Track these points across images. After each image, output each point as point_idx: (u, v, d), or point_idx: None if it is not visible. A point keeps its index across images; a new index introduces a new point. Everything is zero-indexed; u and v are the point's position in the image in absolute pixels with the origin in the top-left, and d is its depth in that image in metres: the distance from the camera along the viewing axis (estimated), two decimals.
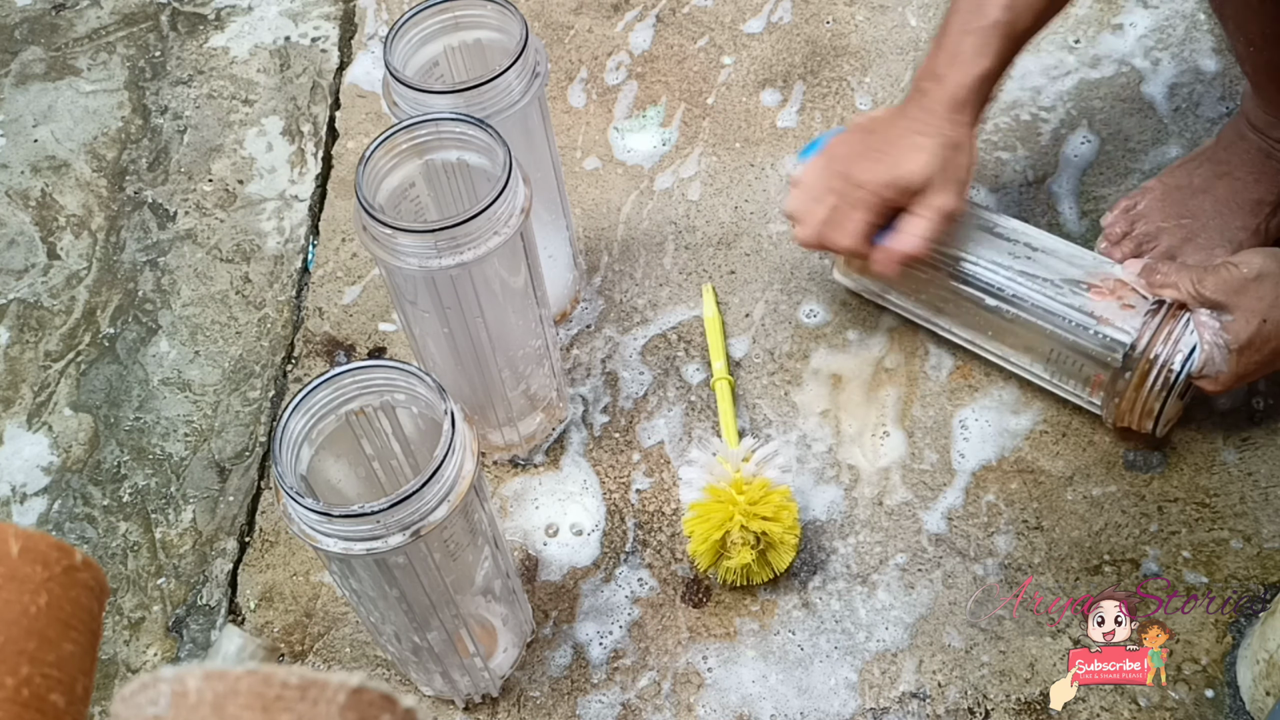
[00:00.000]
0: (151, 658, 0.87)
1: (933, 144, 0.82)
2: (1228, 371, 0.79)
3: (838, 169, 0.85)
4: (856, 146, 0.85)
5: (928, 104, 0.83)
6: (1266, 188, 0.95)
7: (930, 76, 0.83)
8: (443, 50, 0.85)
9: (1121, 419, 0.86)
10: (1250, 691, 0.78)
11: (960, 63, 0.82)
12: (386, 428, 0.72)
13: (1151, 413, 0.83)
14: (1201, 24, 1.14)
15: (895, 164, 0.82)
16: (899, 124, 0.84)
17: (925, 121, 0.82)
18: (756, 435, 0.93)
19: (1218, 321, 0.79)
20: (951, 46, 0.82)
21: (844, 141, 0.87)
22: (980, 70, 0.82)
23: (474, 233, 0.71)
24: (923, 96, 0.83)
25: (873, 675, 0.82)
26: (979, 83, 0.82)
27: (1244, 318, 0.78)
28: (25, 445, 0.98)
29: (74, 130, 1.18)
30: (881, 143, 0.84)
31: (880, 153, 0.83)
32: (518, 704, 0.82)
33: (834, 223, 0.85)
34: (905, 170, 0.82)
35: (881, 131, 0.85)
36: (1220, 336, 0.79)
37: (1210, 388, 0.81)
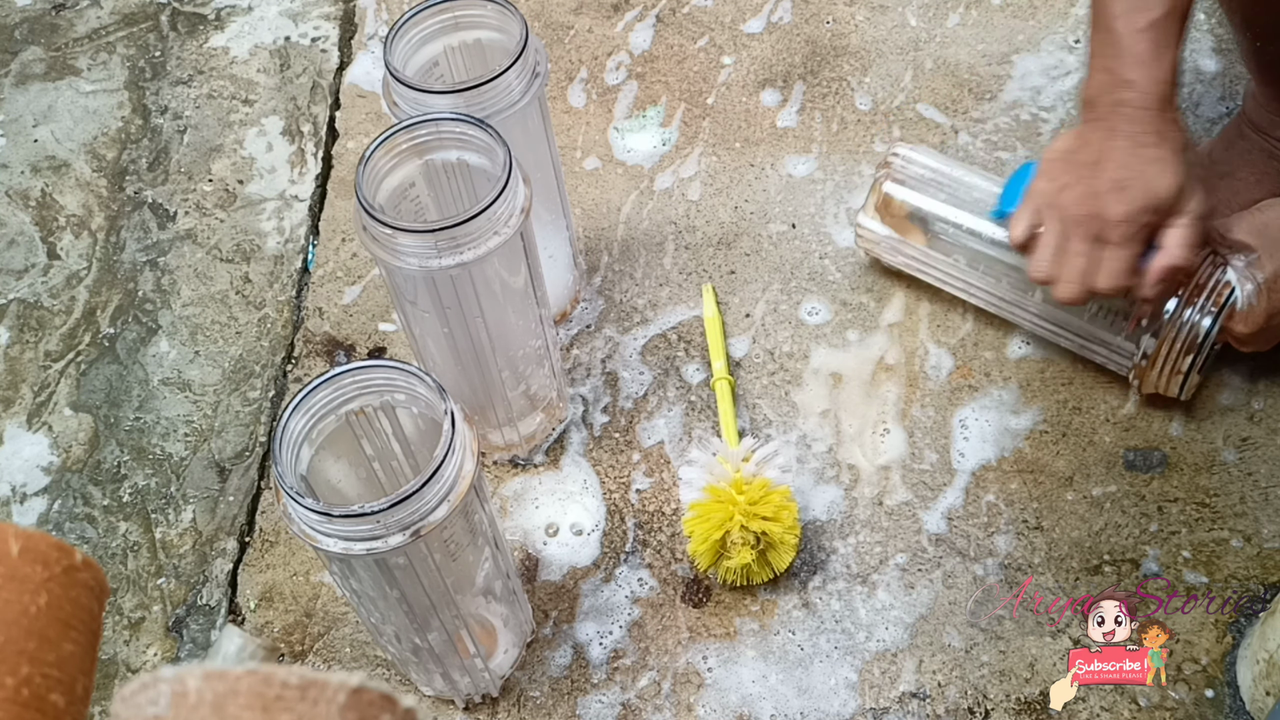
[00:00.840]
0: (151, 658, 0.87)
1: (1172, 154, 0.77)
2: (1258, 307, 0.80)
3: (1077, 212, 0.79)
4: (1083, 180, 0.79)
5: (1137, 114, 0.78)
6: (1268, 188, 0.95)
7: (1122, 86, 0.78)
8: (443, 50, 0.85)
9: (1149, 382, 0.86)
10: (1250, 691, 0.78)
11: (1148, 62, 0.77)
12: (386, 428, 0.72)
13: (1181, 371, 0.84)
14: (1201, 24, 1.14)
15: (1148, 188, 0.77)
16: (1118, 144, 0.78)
17: (1149, 132, 0.77)
18: (756, 435, 0.93)
19: (1245, 260, 0.81)
20: (1130, 49, 0.77)
21: (1060, 180, 0.80)
22: (1170, 63, 0.77)
23: (474, 233, 0.71)
24: (1124, 107, 0.78)
25: (873, 675, 0.82)
26: (1173, 75, 0.78)
27: (1269, 254, 0.80)
28: (25, 445, 0.98)
29: (74, 130, 1.18)
30: (1116, 169, 0.77)
31: (1122, 181, 0.77)
32: (518, 704, 0.82)
33: (1097, 268, 0.79)
34: (1162, 190, 0.77)
35: (1102, 158, 0.78)
36: (1249, 273, 0.81)
37: (1241, 329, 0.82)
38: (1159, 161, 0.77)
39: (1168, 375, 0.85)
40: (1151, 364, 0.85)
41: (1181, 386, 0.85)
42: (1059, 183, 0.80)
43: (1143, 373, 0.86)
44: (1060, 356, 0.94)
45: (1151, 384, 0.87)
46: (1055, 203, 0.80)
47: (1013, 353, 0.95)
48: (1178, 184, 0.77)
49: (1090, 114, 0.80)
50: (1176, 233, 0.78)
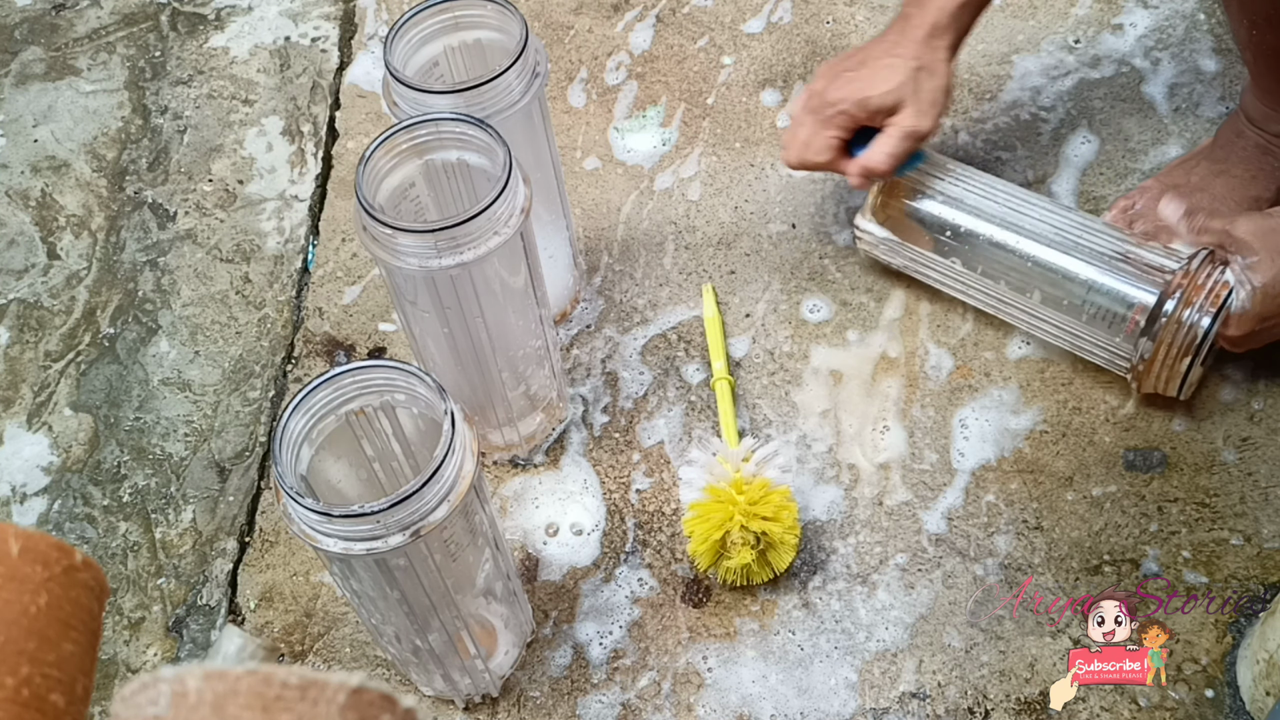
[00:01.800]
0: (151, 658, 0.87)
1: (905, 65, 0.86)
2: (1250, 311, 0.81)
3: (816, 91, 0.89)
4: (835, 70, 0.89)
5: (907, 29, 0.87)
6: (1264, 184, 0.95)
7: (914, 3, 0.87)
8: (443, 50, 0.85)
9: (1148, 382, 0.86)
10: (1250, 691, 0.78)
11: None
12: (386, 428, 0.72)
13: (1180, 371, 0.84)
14: (1201, 24, 1.14)
15: (867, 84, 0.86)
16: (877, 48, 0.88)
17: (901, 45, 0.87)
18: (756, 435, 0.93)
19: (1244, 262, 0.81)
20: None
21: (826, 67, 0.91)
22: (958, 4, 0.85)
23: (474, 233, 0.71)
24: (904, 22, 0.87)
25: (873, 675, 0.82)
26: (959, 9, 0.85)
27: (1269, 258, 0.80)
28: (25, 445, 0.98)
29: (74, 130, 1.18)
30: (857, 65, 0.88)
31: (854, 74, 0.87)
32: (518, 704, 0.82)
33: (809, 141, 0.89)
34: (876, 90, 0.86)
35: (860, 55, 0.89)
36: (1246, 274, 0.81)
37: (1232, 331, 0.82)
38: (889, 68, 0.86)
39: (1166, 375, 0.85)
40: (1150, 364, 0.85)
41: (1180, 386, 0.85)
42: (826, 67, 0.91)
43: (1141, 373, 0.86)
44: (1060, 356, 0.94)
45: (1150, 384, 0.87)
46: (812, 82, 0.91)
47: (1013, 353, 0.95)
48: (897, 92, 0.85)
49: (893, 21, 0.90)
50: (881, 139, 0.87)
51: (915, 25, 0.86)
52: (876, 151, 0.88)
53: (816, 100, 0.89)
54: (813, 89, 0.90)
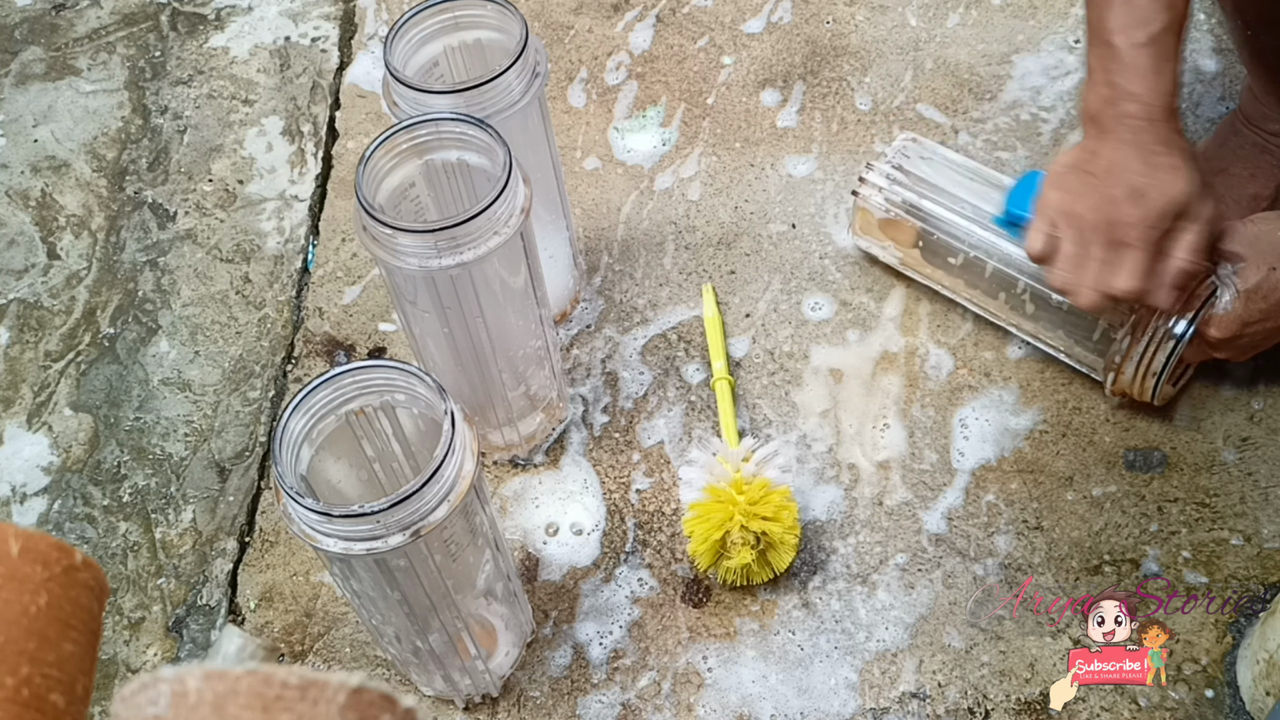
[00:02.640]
0: (151, 658, 0.87)
1: (1183, 162, 0.77)
2: (1232, 314, 0.80)
3: (1094, 219, 0.78)
4: (1097, 189, 0.79)
5: (1142, 126, 0.78)
6: (1262, 183, 0.95)
7: (1125, 99, 0.78)
8: (443, 50, 0.85)
9: (1121, 384, 0.86)
10: (1250, 691, 0.78)
11: (1149, 76, 0.77)
12: (386, 428, 0.72)
13: (1154, 373, 0.84)
14: (1201, 24, 1.14)
15: (1164, 192, 0.77)
16: (1128, 153, 0.78)
17: (1157, 142, 0.78)
18: (756, 435, 0.93)
19: (1231, 268, 0.82)
20: (1131, 63, 0.78)
21: (1074, 190, 0.80)
22: (1172, 76, 0.78)
23: (474, 233, 0.71)
24: (1129, 119, 0.78)
25: (873, 675, 0.82)
26: (1175, 87, 0.78)
27: (1255, 264, 0.80)
28: (25, 445, 0.98)
29: (74, 130, 1.18)
30: (1130, 176, 0.78)
31: (1137, 187, 0.77)
32: (518, 704, 0.82)
33: (1112, 272, 0.78)
34: (1179, 195, 0.77)
35: (1114, 167, 0.78)
36: (1229, 279, 0.81)
37: (1214, 333, 0.82)
38: (1172, 169, 0.77)
39: (1141, 378, 0.85)
40: (1123, 365, 0.85)
41: (1154, 391, 0.85)
42: (1072, 193, 0.79)
43: (1116, 373, 0.86)
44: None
45: (1124, 386, 0.87)
46: (1070, 211, 0.79)
47: (1013, 353, 0.95)
48: (1192, 189, 0.77)
49: (1094, 129, 0.80)
50: (1188, 238, 0.78)
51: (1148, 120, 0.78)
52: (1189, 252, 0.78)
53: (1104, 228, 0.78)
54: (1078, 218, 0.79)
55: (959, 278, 0.93)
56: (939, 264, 0.94)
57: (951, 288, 0.95)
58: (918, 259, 0.95)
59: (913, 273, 0.97)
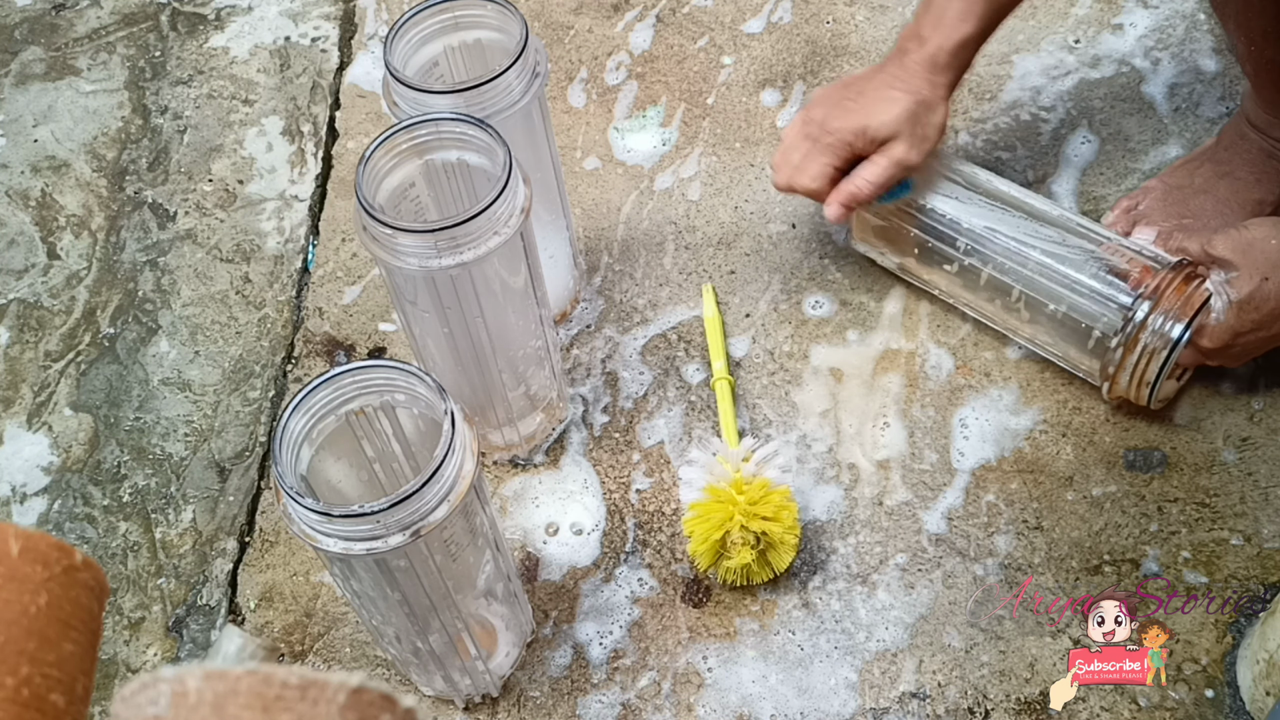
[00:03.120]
0: (151, 658, 0.87)
1: (905, 99, 0.85)
2: (1224, 324, 0.80)
3: (814, 118, 0.89)
4: (834, 98, 0.89)
5: (907, 63, 0.86)
6: (1268, 188, 0.95)
7: (913, 38, 0.86)
8: (443, 50, 0.85)
9: (1118, 388, 0.86)
10: (1250, 691, 0.78)
11: (944, 26, 0.85)
12: (387, 428, 0.72)
13: (1148, 383, 0.84)
14: (1201, 24, 1.14)
15: (866, 114, 0.86)
16: (876, 79, 0.88)
17: (902, 79, 0.86)
18: (756, 435, 0.93)
19: (1223, 276, 0.81)
20: (938, 10, 0.85)
21: (824, 94, 0.91)
22: (962, 35, 0.85)
23: (474, 233, 0.71)
24: (904, 56, 0.87)
25: (873, 675, 0.82)
26: (959, 47, 0.85)
27: (1248, 273, 0.80)
28: (25, 445, 0.98)
29: (74, 130, 1.18)
30: (856, 95, 0.88)
31: (853, 104, 0.87)
32: (518, 704, 0.82)
33: (803, 167, 0.89)
34: (875, 121, 0.86)
35: (859, 85, 0.89)
36: (1222, 288, 0.81)
37: (1206, 343, 0.82)
38: (889, 100, 0.85)
39: (1135, 386, 0.85)
40: (1117, 375, 0.85)
41: (1150, 394, 0.85)
42: (823, 95, 0.91)
43: (1112, 377, 0.86)
44: None
45: (1120, 390, 0.87)
46: (808, 106, 0.91)
47: (1012, 353, 0.95)
48: (894, 124, 0.85)
49: (890, 53, 0.89)
50: (867, 166, 0.88)
51: (915, 60, 0.86)
52: (860, 177, 0.88)
53: (814, 127, 0.89)
54: (810, 115, 0.90)
55: (955, 284, 0.93)
56: (935, 270, 0.94)
57: (948, 293, 0.95)
58: (914, 265, 0.95)
59: (910, 278, 0.97)
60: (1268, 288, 0.80)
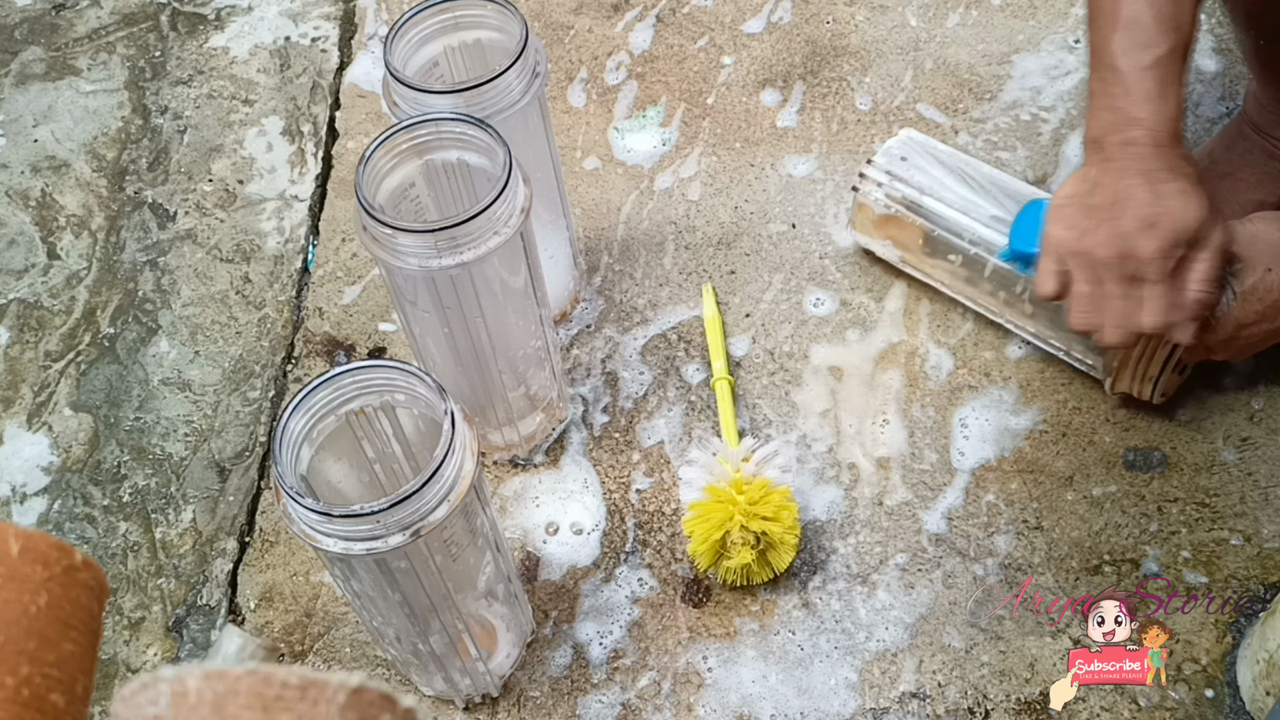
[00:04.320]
0: (151, 658, 0.87)
1: (1191, 187, 0.75)
2: (1228, 316, 0.80)
3: (1107, 255, 0.76)
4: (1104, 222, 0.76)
5: (1147, 152, 0.76)
6: (1268, 189, 0.95)
7: (1130, 124, 0.76)
8: (443, 50, 0.85)
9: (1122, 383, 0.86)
10: (1250, 691, 0.78)
11: (1154, 100, 0.76)
12: (387, 428, 0.72)
13: (1151, 378, 0.84)
14: (1202, 24, 1.14)
15: (1176, 221, 0.74)
16: (1135, 182, 0.75)
17: (1164, 169, 0.75)
18: (756, 435, 0.93)
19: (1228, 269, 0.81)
20: (1136, 86, 0.76)
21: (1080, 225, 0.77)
22: (1176, 100, 0.76)
23: (474, 233, 0.71)
24: (1134, 146, 0.76)
25: (873, 675, 0.82)
26: (1180, 111, 0.77)
27: (1251, 265, 0.80)
28: (25, 445, 0.98)
29: (74, 130, 1.18)
30: (1139, 207, 0.75)
31: (1147, 218, 0.74)
32: (518, 704, 0.82)
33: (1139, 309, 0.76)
34: (1191, 222, 0.74)
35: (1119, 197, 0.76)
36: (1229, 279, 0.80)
37: (1212, 335, 0.82)
38: (1181, 194, 0.74)
39: (1140, 377, 0.85)
40: (1120, 371, 0.85)
41: (1154, 389, 0.85)
42: (1079, 228, 0.77)
43: (1115, 371, 0.86)
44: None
45: (1124, 385, 0.87)
46: (1080, 248, 0.76)
47: (1013, 353, 0.95)
48: (1203, 214, 0.75)
49: (1097, 154, 0.78)
50: (1201, 267, 0.76)
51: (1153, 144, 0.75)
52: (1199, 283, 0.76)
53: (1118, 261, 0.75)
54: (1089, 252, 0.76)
55: (958, 276, 0.93)
56: (938, 261, 0.94)
57: (951, 285, 0.95)
58: (917, 256, 0.95)
59: (912, 270, 0.97)
60: (1271, 278, 0.80)
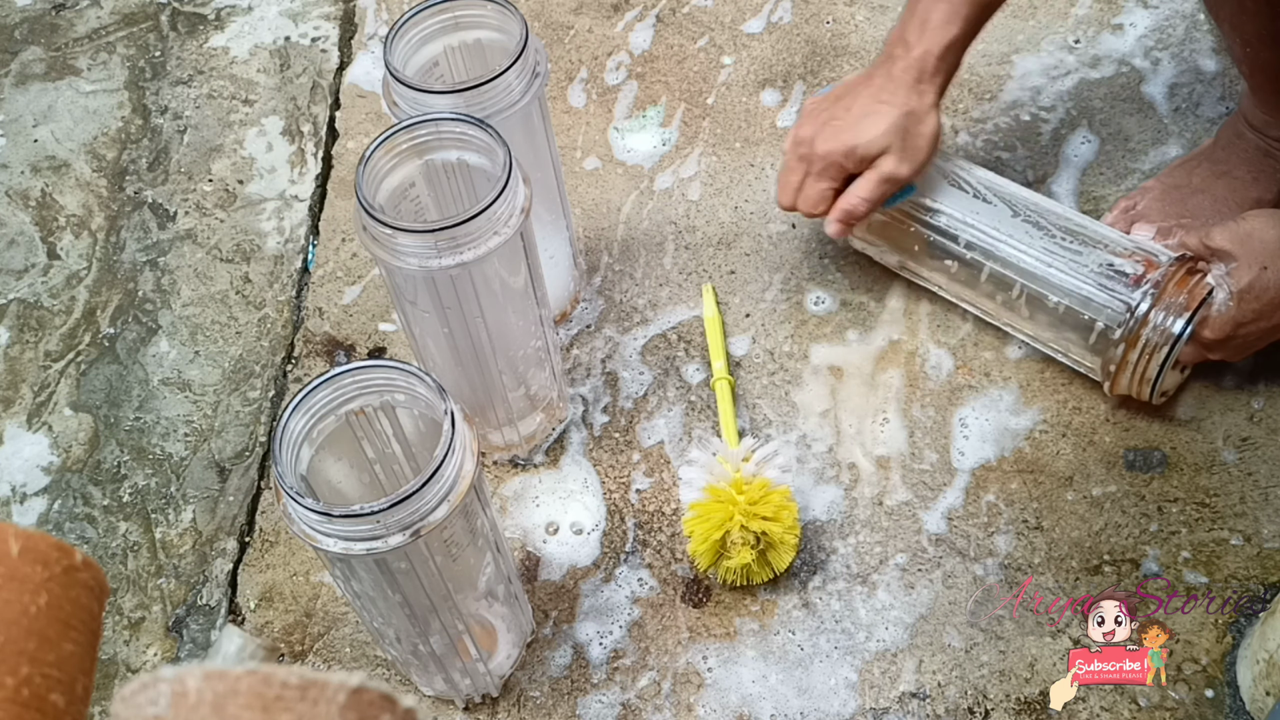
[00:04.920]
0: (151, 658, 0.87)
1: (892, 113, 0.85)
2: (1226, 316, 0.81)
3: (804, 138, 0.89)
4: (822, 115, 0.89)
5: (894, 72, 0.86)
6: (1265, 186, 0.95)
7: (900, 43, 0.86)
8: (443, 50, 0.85)
9: (1120, 384, 0.86)
10: (1250, 691, 0.78)
11: (929, 30, 0.84)
12: (387, 428, 0.72)
13: (1149, 380, 0.84)
14: (1201, 24, 1.14)
15: (854, 133, 0.86)
16: (863, 92, 0.87)
17: (889, 90, 0.86)
18: (756, 435, 0.93)
19: (1224, 268, 0.82)
20: (922, 13, 0.84)
21: (812, 109, 0.91)
22: (948, 38, 0.84)
23: (474, 233, 0.71)
24: (890, 64, 0.86)
25: (873, 675, 0.82)
26: (946, 51, 0.85)
27: (1246, 264, 0.81)
28: (25, 445, 0.98)
29: (74, 130, 1.18)
30: (844, 111, 0.87)
31: (840, 122, 0.87)
32: (518, 704, 0.82)
33: (803, 191, 0.90)
34: (863, 139, 0.86)
35: (846, 100, 0.88)
36: (1222, 280, 0.81)
37: (1208, 335, 0.82)
38: (876, 115, 0.85)
39: (1139, 379, 0.85)
40: (1122, 366, 0.85)
41: (1152, 390, 0.85)
42: (814, 111, 0.90)
43: (1114, 374, 0.86)
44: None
45: (1123, 386, 0.87)
46: (800, 123, 0.91)
47: (1012, 353, 0.95)
48: (883, 141, 0.85)
49: (877, 60, 0.89)
50: (862, 181, 0.87)
51: (902, 69, 0.85)
52: (853, 195, 0.88)
53: (806, 149, 0.89)
54: (800, 135, 0.90)
55: (955, 280, 0.93)
56: (935, 266, 0.94)
57: (948, 289, 0.95)
58: (913, 261, 0.95)
59: (909, 275, 0.97)
60: (1267, 277, 0.80)
